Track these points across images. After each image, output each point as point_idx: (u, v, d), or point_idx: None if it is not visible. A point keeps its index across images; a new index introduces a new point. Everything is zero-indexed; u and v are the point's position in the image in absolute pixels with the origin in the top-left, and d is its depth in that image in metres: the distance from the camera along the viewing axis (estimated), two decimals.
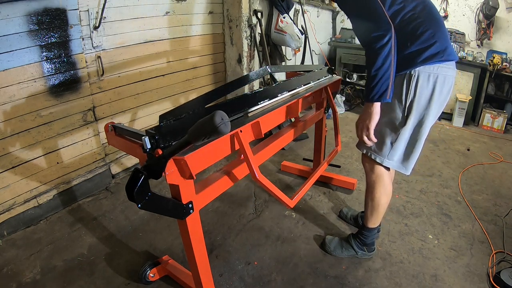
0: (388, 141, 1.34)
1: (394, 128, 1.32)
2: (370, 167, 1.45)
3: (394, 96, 1.27)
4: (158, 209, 0.99)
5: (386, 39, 1.12)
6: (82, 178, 2.10)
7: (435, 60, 1.19)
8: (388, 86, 1.16)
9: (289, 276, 1.54)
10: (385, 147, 1.35)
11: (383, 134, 1.35)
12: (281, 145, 1.66)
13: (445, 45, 1.20)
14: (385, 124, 1.33)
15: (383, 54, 1.13)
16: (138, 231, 1.83)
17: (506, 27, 3.79)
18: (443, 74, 1.22)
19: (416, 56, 1.20)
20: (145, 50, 2.29)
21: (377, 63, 1.14)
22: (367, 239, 1.60)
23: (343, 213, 1.96)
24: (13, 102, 1.68)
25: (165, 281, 1.49)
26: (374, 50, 1.14)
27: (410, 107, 1.26)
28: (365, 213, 1.57)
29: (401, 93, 1.26)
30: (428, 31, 1.18)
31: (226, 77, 3.14)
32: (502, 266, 1.60)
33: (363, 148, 1.43)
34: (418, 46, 1.19)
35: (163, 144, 0.95)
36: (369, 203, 1.52)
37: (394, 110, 1.30)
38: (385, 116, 1.32)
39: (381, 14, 1.13)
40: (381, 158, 1.38)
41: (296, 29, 3.07)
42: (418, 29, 1.19)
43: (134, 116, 2.37)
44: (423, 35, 1.18)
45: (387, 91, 1.17)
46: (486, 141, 3.32)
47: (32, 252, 1.66)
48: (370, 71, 1.17)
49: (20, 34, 1.62)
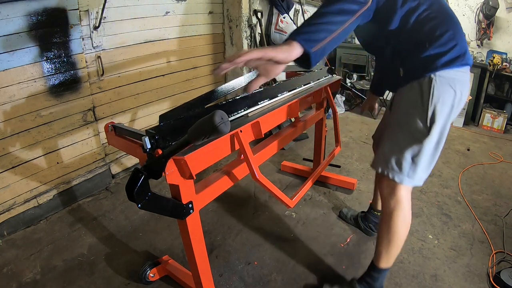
0: (408, 156, 1.15)
1: (416, 140, 1.13)
2: (388, 190, 1.22)
3: (412, 104, 1.13)
4: (158, 209, 0.99)
5: (361, 3, 0.95)
6: (82, 178, 2.10)
7: (456, 64, 1.07)
8: (323, 41, 0.90)
9: (289, 276, 1.54)
10: (406, 164, 1.16)
11: (403, 148, 1.15)
12: (281, 145, 1.65)
13: (464, 48, 1.09)
14: (404, 137, 1.15)
15: (346, 5, 0.94)
16: (138, 231, 1.83)
17: (506, 27, 3.79)
18: (462, 79, 1.10)
19: (436, 60, 1.07)
20: (145, 50, 2.29)
21: (333, 7, 0.93)
22: (376, 282, 1.33)
23: (343, 214, 1.94)
24: (13, 102, 1.68)
25: (165, 281, 1.49)
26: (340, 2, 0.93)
27: (434, 115, 1.10)
28: (378, 249, 1.31)
29: (421, 99, 1.10)
30: (447, 32, 1.06)
31: (226, 77, 3.14)
32: (502, 266, 1.60)
33: (379, 167, 1.21)
34: (438, 49, 1.07)
35: (163, 144, 0.95)
36: (384, 236, 1.26)
37: (413, 119, 1.13)
38: (403, 128, 1.15)
39: None
40: (401, 177, 1.17)
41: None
42: (436, 30, 1.06)
43: (134, 116, 2.37)
44: (442, 37, 1.06)
45: (317, 43, 0.89)
46: (486, 141, 3.32)
47: (32, 252, 1.66)
48: (321, 7, 0.95)
49: (20, 34, 1.62)
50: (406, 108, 1.15)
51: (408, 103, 1.14)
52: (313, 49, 0.88)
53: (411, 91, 1.13)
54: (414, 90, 1.12)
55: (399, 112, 1.18)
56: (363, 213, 1.85)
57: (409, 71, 1.15)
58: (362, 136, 3.24)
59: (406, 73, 1.17)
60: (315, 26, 0.91)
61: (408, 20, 1.07)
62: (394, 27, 1.10)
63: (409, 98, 1.14)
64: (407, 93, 1.15)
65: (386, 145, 1.21)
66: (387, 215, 1.24)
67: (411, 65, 1.12)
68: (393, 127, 1.21)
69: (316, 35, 0.90)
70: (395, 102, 1.23)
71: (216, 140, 1.09)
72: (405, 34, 1.10)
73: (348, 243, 1.75)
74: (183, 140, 0.83)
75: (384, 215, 1.26)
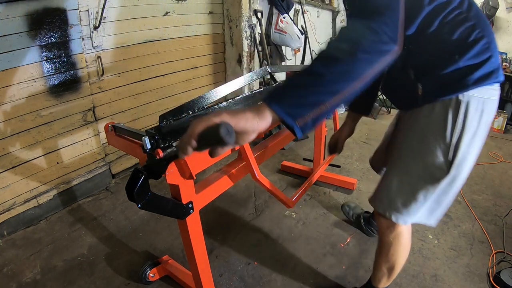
0: (420, 197, 0.96)
1: (433, 179, 0.93)
2: (387, 225, 1.08)
3: (431, 132, 0.91)
4: (158, 209, 0.99)
5: (386, 47, 0.64)
6: (82, 178, 2.10)
7: (489, 81, 0.86)
8: (318, 118, 0.61)
9: (289, 276, 1.54)
10: (415, 204, 0.97)
11: (414, 188, 0.96)
12: (281, 145, 1.65)
13: (498, 61, 0.87)
14: (418, 173, 0.95)
15: (361, 64, 0.62)
16: (138, 231, 1.83)
17: (506, 27, 3.79)
18: (494, 99, 0.89)
19: (467, 75, 0.85)
20: (145, 50, 2.29)
21: (339, 67, 0.61)
22: None
23: (346, 210, 1.87)
24: (13, 102, 1.68)
25: (165, 281, 1.49)
26: (355, 45, 0.62)
27: (458, 147, 0.89)
28: (375, 273, 1.25)
29: (443, 127, 0.89)
30: (483, 39, 0.84)
31: (226, 77, 3.14)
32: (502, 266, 1.60)
33: (381, 207, 1.05)
34: (470, 61, 0.84)
35: (163, 144, 0.95)
36: (382, 265, 1.19)
37: (432, 153, 0.91)
38: (417, 162, 0.94)
39: (395, 10, 0.66)
40: (407, 219, 1.01)
41: (296, 29, 3.07)
42: (470, 36, 0.84)
43: (134, 116, 2.37)
44: (476, 45, 0.83)
45: (309, 110, 0.60)
46: (486, 141, 3.31)
47: (32, 252, 1.66)
48: (316, 65, 0.63)
49: (20, 34, 1.62)
50: (423, 137, 0.93)
51: (426, 131, 0.92)
52: (297, 122, 0.59)
53: (432, 116, 0.90)
54: (435, 114, 0.90)
55: (413, 140, 0.96)
56: (367, 214, 1.80)
57: (430, 89, 0.90)
58: (362, 136, 3.23)
59: (426, 92, 0.91)
60: (311, 95, 0.60)
61: (432, 21, 0.84)
62: (412, 31, 0.86)
63: (428, 124, 0.92)
64: (425, 117, 0.92)
65: (393, 181, 1.00)
66: (385, 247, 1.13)
67: (434, 82, 0.89)
68: (404, 158, 0.98)
69: (310, 109, 0.60)
70: (407, 126, 0.99)
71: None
72: (426, 39, 0.87)
73: (348, 243, 1.75)
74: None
75: (382, 247, 1.14)
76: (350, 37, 0.65)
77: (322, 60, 0.64)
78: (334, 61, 0.62)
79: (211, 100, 1.16)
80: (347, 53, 0.61)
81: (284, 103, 0.60)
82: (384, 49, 0.64)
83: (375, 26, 0.63)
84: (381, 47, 0.64)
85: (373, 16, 0.65)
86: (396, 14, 0.67)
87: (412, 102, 0.95)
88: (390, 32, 0.64)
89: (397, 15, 0.67)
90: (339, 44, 0.65)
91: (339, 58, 0.62)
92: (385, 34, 0.63)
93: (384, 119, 3.66)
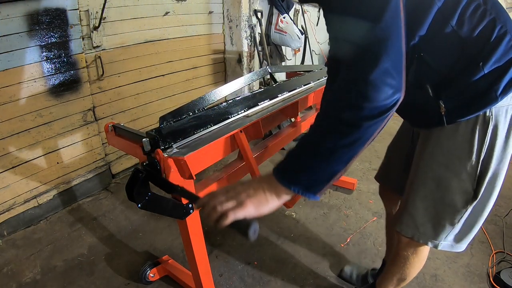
0: (447, 223, 0.89)
1: (461, 203, 0.85)
2: (408, 241, 0.99)
3: (456, 156, 0.82)
4: (158, 209, 0.99)
5: (392, 101, 0.56)
6: (82, 178, 2.10)
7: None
8: (335, 176, 0.61)
9: (289, 276, 1.54)
10: (443, 230, 0.90)
11: (441, 213, 0.89)
12: (281, 145, 1.65)
13: None
14: (443, 199, 0.87)
15: (368, 130, 0.57)
16: (138, 231, 1.83)
17: None
18: None
19: (494, 84, 0.72)
20: (145, 50, 2.29)
21: (355, 137, 0.57)
22: None
23: (346, 274, 1.50)
24: (13, 102, 1.68)
25: (165, 281, 1.49)
26: (356, 115, 0.56)
27: (486, 169, 0.80)
28: (384, 281, 1.19)
29: (469, 149, 0.79)
30: (506, 36, 0.70)
31: (226, 77, 3.14)
32: (502, 266, 1.60)
33: (408, 231, 0.95)
34: (495, 65, 0.71)
35: (163, 145, 0.95)
36: (394, 276, 1.12)
37: (457, 177, 0.83)
38: (441, 187, 0.86)
39: (396, 45, 0.55)
40: (435, 242, 0.93)
41: (296, 29, 3.07)
42: (492, 33, 0.70)
43: (134, 116, 2.37)
44: (500, 45, 0.70)
45: (327, 183, 0.62)
46: None
47: (32, 252, 1.66)
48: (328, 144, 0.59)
49: (20, 34, 1.62)
50: (447, 160, 0.84)
51: (450, 154, 0.83)
52: (320, 194, 0.62)
53: (456, 137, 0.80)
54: (460, 135, 0.79)
55: (434, 163, 0.86)
56: (374, 271, 1.48)
57: (454, 106, 0.77)
58: None
59: (449, 109, 0.78)
60: (324, 168, 0.60)
61: (446, 19, 0.70)
62: (424, 32, 0.73)
63: (452, 148, 0.82)
64: (448, 140, 0.82)
65: (419, 209, 0.92)
66: (402, 259, 1.04)
67: (457, 97, 0.76)
68: (428, 186, 0.89)
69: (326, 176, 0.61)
70: (429, 151, 0.88)
71: (216, 141, 1.09)
72: (441, 43, 0.73)
73: (348, 243, 1.75)
74: (195, 198, 0.74)
75: (399, 258, 1.05)
76: (350, 102, 0.56)
77: (327, 135, 0.59)
78: (340, 135, 0.58)
79: (211, 101, 1.16)
80: (350, 125, 0.56)
81: (304, 184, 0.60)
82: (389, 105, 0.55)
83: (373, 78, 0.53)
84: (386, 104, 0.55)
85: (369, 62, 0.54)
86: (399, 51, 0.55)
87: (434, 122, 0.82)
88: (394, 80, 0.54)
89: (400, 51, 0.55)
90: (340, 115, 0.57)
91: (343, 132, 0.57)
92: (388, 86, 0.54)
93: None
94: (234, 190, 0.64)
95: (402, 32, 0.55)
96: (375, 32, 0.53)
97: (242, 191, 0.63)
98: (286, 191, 0.62)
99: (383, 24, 0.53)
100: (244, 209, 0.61)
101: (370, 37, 0.54)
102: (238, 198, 0.62)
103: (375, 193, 2.19)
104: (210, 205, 0.63)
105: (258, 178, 0.67)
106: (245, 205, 0.61)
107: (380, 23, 0.53)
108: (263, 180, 0.64)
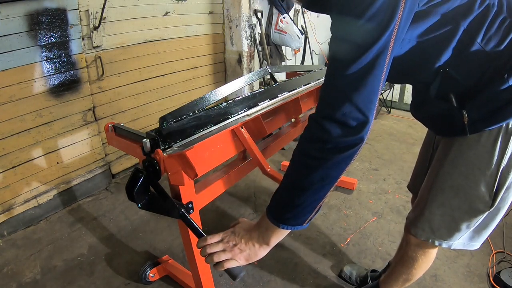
0: (463, 227, 0.91)
1: (476, 211, 0.87)
2: (417, 242, 1.02)
3: (476, 165, 0.82)
4: (158, 209, 0.99)
5: (360, 136, 0.61)
6: (82, 178, 2.10)
7: None
8: (316, 208, 0.68)
9: (289, 276, 1.54)
10: (458, 233, 0.93)
11: (457, 219, 0.90)
12: (281, 145, 1.65)
13: None
14: (460, 207, 0.88)
15: (338, 165, 0.62)
16: (138, 231, 1.83)
17: None
18: None
19: None
20: (145, 50, 2.29)
21: (325, 173, 0.63)
22: None
23: (346, 274, 1.51)
24: (13, 102, 1.68)
25: (165, 281, 1.49)
26: (335, 143, 0.60)
27: (505, 178, 0.81)
28: (389, 281, 1.21)
29: (490, 159, 0.80)
30: None
31: (226, 77, 3.14)
32: (502, 266, 1.60)
33: (423, 235, 0.97)
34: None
35: (163, 146, 0.95)
36: (401, 276, 1.14)
37: (475, 186, 0.84)
38: (459, 194, 0.87)
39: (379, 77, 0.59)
40: (449, 243, 0.96)
41: (296, 29, 3.07)
42: (508, 36, 0.71)
43: (134, 116, 2.37)
44: None
45: (311, 214, 0.68)
46: None
47: (32, 252, 1.66)
48: (302, 180, 0.65)
49: (20, 34, 1.62)
50: (467, 169, 0.84)
51: (472, 163, 0.83)
52: (306, 222, 0.70)
53: (478, 147, 0.81)
54: (481, 146, 0.80)
55: (455, 172, 0.87)
56: (374, 273, 1.48)
57: (478, 117, 0.77)
58: None
59: (472, 119, 0.78)
60: (309, 203, 0.67)
61: (473, 37, 0.70)
62: (450, 54, 0.74)
63: (473, 156, 0.83)
64: (470, 150, 0.83)
65: (435, 214, 0.94)
66: (410, 260, 1.06)
67: (481, 108, 0.76)
68: (447, 194, 0.91)
69: (311, 208, 0.67)
70: (449, 156, 0.89)
71: (217, 135, 1.08)
72: (467, 60, 0.73)
73: (348, 243, 1.75)
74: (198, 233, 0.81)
75: (407, 258, 1.07)
76: (317, 137, 0.62)
77: (299, 171, 0.66)
78: (310, 170, 0.63)
79: (211, 102, 1.16)
80: (319, 159, 0.62)
81: (290, 222, 0.69)
82: (357, 141, 0.61)
83: (339, 116, 0.58)
84: (353, 140, 0.60)
85: (337, 101, 0.59)
86: (375, 86, 0.58)
87: (457, 131, 0.83)
88: (362, 115, 0.59)
89: (377, 86, 0.59)
90: (308, 151, 0.64)
91: (311, 166, 0.63)
92: (354, 121, 0.59)
93: (384, 119, 3.65)
94: (228, 242, 0.73)
95: (385, 67, 0.59)
96: (352, 69, 0.57)
97: (236, 244, 0.73)
98: (277, 233, 0.71)
99: (364, 59, 0.56)
100: (236, 261, 0.72)
101: (345, 75, 0.58)
102: (232, 252, 0.72)
103: (375, 193, 2.19)
104: (207, 253, 0.72)
105: (251, 227, 0.75)
106: (237, 258, 0.72)
107: (361, 58, 0.56)
108: (253, 229, 0.74)
